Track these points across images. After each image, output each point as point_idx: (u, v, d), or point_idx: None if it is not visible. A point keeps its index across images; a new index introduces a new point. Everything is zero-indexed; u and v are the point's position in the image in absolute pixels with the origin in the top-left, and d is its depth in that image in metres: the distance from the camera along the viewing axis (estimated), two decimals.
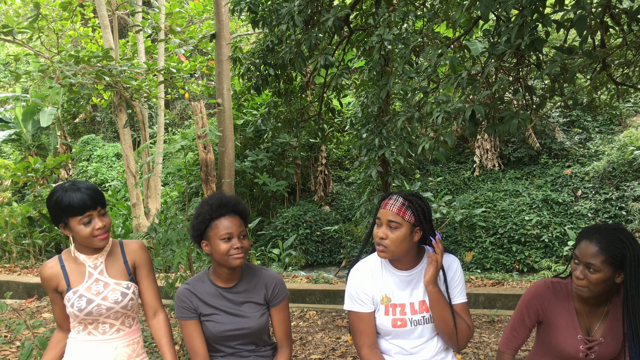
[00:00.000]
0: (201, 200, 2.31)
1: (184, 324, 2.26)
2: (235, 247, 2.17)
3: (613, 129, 12.76)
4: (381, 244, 2.13)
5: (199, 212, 2.23)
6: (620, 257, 1.92)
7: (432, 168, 13.29)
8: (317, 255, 11.89)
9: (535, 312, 2.18)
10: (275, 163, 12.96)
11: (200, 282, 2.31)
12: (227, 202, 2.21)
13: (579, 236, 2.05)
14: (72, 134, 19.36)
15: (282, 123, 7.16)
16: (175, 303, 2.29)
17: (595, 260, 1.93)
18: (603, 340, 2.09)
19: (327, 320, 6.09)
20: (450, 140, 3.32)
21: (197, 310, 2.25)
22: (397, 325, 2.17)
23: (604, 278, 1.95)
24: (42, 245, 10.27)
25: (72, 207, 2.14)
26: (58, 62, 8.99)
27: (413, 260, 2.22)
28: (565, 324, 2.11)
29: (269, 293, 2.31)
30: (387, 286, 2.21)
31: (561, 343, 2.12)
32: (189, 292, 2.27)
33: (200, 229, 2.22)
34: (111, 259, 2.32)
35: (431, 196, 8.16)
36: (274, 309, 2.33)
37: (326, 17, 4.52)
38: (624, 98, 8.65)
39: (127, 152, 10.36)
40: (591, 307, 2.10)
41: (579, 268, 2.00)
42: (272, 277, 2.35)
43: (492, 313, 5.93)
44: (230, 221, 2.19)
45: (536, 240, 10.28)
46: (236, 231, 2.19)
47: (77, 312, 2.20)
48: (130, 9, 12.19)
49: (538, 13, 2.83)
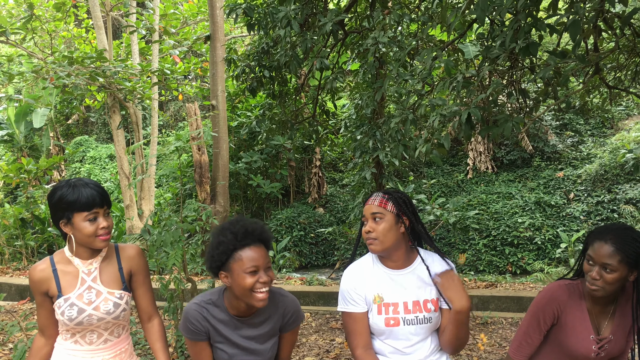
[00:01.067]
0: (221, 224, 2.09)
1: (193, 343, 2.11)
2: (262, 280, 1.98)
3: (605, 132, 12.85)
4: (369, 237, 2.18)
5: (219, 240, 2.00)
6: (635, 257, 1.96)
7: (425, 170, 13.33)
8: (311, 257, 11.89)
9: (551, 316, 2.18)
10: (269, 165, 12.96)
11: (214, 307, 2.11)
12: (252, 231, 2.00)
13: (590, 237, 2.07)
14: (65, 135, 19.28)
15: (276, 125, 7.15)
16: (184, 321, 2.11)
17: (612, 261, 1.96)
18: (612, 338, 2.12)
19: (321, 322, 6.09)
20: (447, 144, 3.34)
21: (207, 334, 2.10)
22: (390, 325, 2.17)
23: (620, 277, 1.98)
24: (35, 246, 10.22)
25: (79, 202, 2.08)
26: (51, 63, 8.96)
27: (404, 258, 2.23)
28: (580, 325, 2.13)
29: (285, 321, 2.19)
30: (380, 285, 2.21)
31: (575, 344, 2.13)
32: (201, 316, 2.08)
33: (221, 261, 2.01)
34: (106, 264, 2.24)
35: (425, 198, 8.16)
36: (286, 333, 2.23)
37: (324, 21, 4.53)
38: (616, 101, 8.72)
39: (121, 153, 10.34)
40: (601, 306, 2.13)
41: (594, 269, 2.01)
42: (290, 305, 2.20)
43: (485, 315, 5.96)
44: (256, 252, 1.98)
45: (529, 242, 10.33)
46: (263, 263, 1.99)
47: (67, 321, 2.12)
48: (124, 10, 12.17)
49: (532, 17, 2.86)
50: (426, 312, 2.18)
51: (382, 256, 2.24)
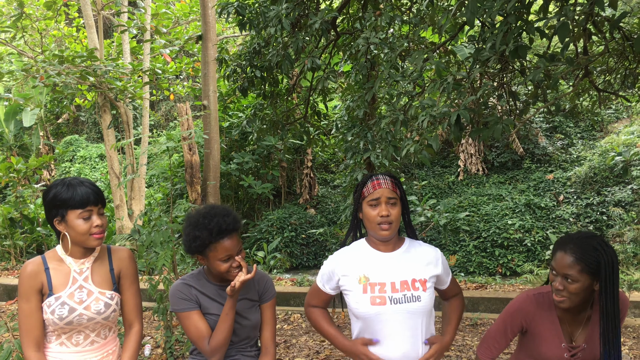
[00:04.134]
0: (196, 215, 2.21)
1: (185, 315, 2.21)
2: (235, 265, 2.18)
3: (595, 135, 12.95)
4: (386, 221, 2.13)
5: (195, 235, 2.15)
6: (595, 265, 1.93)
7: (417, 172, 13.36)
8: (302, 258, 11.88)
9: (518, 325, 2.20)
10: (260, 165, 12.94)
11: (196, 279, 2.29)
12: (226, 227, 2.15)
13: (554, 247, 2.06)
14: (55, 134, 19.15)
15: (267, 125, 7.14)
16: (172, 296, 2.25)
17: (571, 271, 1.95)
18: (585, 346, 2.10)
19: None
20: (435, 144, 3.34)
21: (197, 301, 2.23)
22: (376, 303, 2.12)
23: (583, 287, 1.96)
24: (24, 246, 10.13)
25: (73, 200, 2.09)
26: (42, 62, 8.90)
27: (394, 242, 2.25)
28: (549, 334, 2.12)
29: (261, 288, 2.36)
30: (367, 267, 2.20)
31: (546, 352, 2.13)
32: (187, 285, 2.25)
33: (198, 251, 2.19)
34: (98, 265, 2.24)
35: (416, 200, 8.19)
36: (264, 305, 2.37)
37: (313, 20, 4.53)
38: (606, 105, 8.78)
39: (111, 153, 10.28)
40: (573, 314, 2.12)
41: (557, 279, 2.01)
42: (261, 274, 2.41)
43: (475, 316, 5.98)
44: (230, 242, 2.16)
45: (519, 244, 10.38)
46: (235, 250, 2.18)
47: (57, 320, 2.10)
48: (115, 9, 12.11)
49: (522, 20, 2.87)
50: (414, 291, 2.14)
51: (379, 241, 2.22)
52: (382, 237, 2.16)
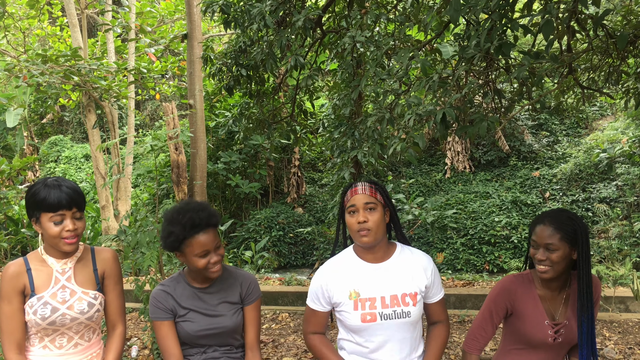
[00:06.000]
0: (171, 211, 2.20)
1: (158, 325, 2.21)
2: (213, 261, 2.16)
3: (580, 132, 13.07)
4: (364, 228, 2.10)
5: (170, 230, 2.14)
6: (573, 233, 2.10)
7: (404, 170, 13.40)
8: (290, 257, 11.87)
9: (503, 307, 2.26)
10: (247, 165, 12.90)
11: (175, 282, 2.28)
12: (199, 221, 2.13)
13: (531, 224, 2.21)
14: (40, 134, 18.95)
15: (254, 124, 7.10)
16: (150, 304, 2.24)
17: (553, 240, 2.09)
18: (567, 323, 2.19)
19: (299, 323, 6.07)
20: (422, 142, 3.34)
21: (173, 311, 2.22)
22: (366, 320, 2.11)
23: (564, 255, 2.10)
24: (8, 248, 10.01)
25: (46, 202, 2.05)
26: (25, 61, 8.79)
27: (384, 250, 2.20)
28: (532, 312, 2.20)
29: (244, 291, 2.32)
30: (357, 280, 2.17)
31: (530, 330, 2.20)
32: (164, 293, 2.24)
33: (173, 247, 2.17)
34: (81, 265, 2.21)
35: (403, 198, 8.22)
36: (247, 307, 2.33)
37: (297, 17, 4.52)
38: (590, 102, 8.86)
39: (96, 153, 10.19)
40: (552, 292, 2.22)
41: (539, 251, 2.14)
42: (246, 276, 2.37)
43: (462, 313, 6.01)
44: (205, 237, 2.14)
45: (505, 241, 10.44)
46: (212, 246, 2.15)
47: (39, 320, 2.08)
48: (99, 7, 11.99)
49: (506, 18, 2.88)
50: (404, 306, 2.13)
51: (365, 249, 2.19)
52: (363, 243, 2.13)
